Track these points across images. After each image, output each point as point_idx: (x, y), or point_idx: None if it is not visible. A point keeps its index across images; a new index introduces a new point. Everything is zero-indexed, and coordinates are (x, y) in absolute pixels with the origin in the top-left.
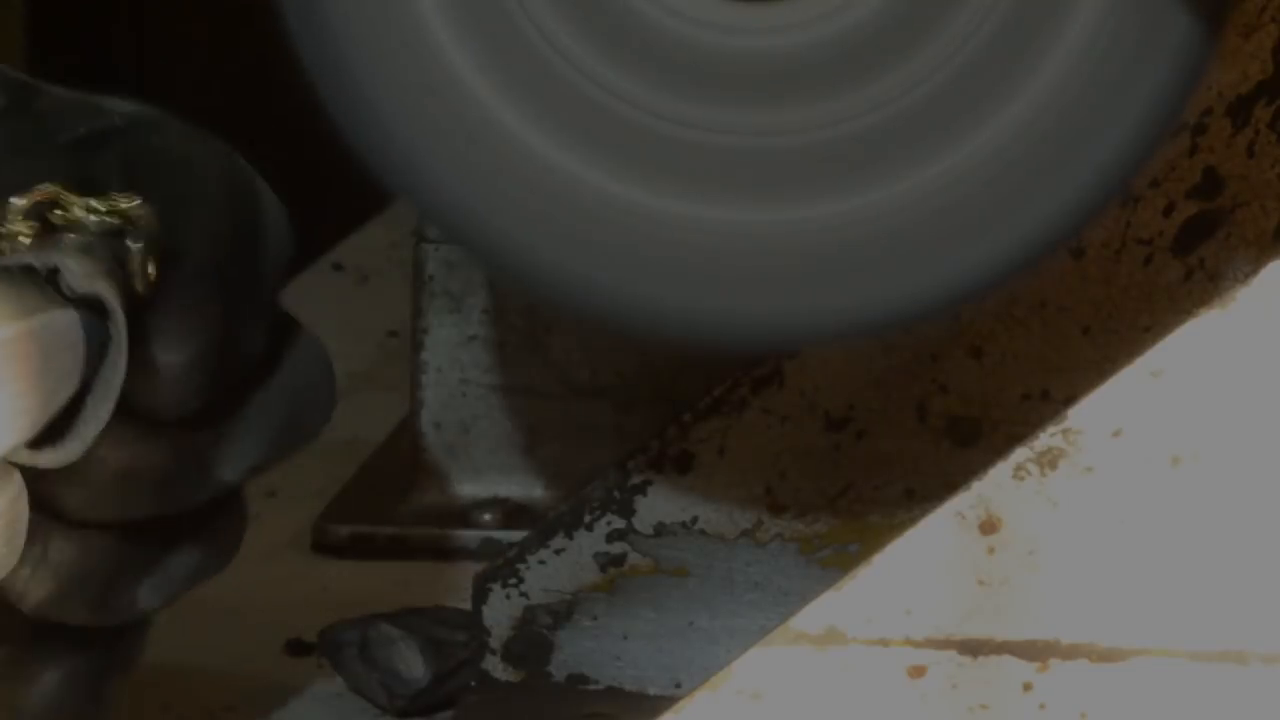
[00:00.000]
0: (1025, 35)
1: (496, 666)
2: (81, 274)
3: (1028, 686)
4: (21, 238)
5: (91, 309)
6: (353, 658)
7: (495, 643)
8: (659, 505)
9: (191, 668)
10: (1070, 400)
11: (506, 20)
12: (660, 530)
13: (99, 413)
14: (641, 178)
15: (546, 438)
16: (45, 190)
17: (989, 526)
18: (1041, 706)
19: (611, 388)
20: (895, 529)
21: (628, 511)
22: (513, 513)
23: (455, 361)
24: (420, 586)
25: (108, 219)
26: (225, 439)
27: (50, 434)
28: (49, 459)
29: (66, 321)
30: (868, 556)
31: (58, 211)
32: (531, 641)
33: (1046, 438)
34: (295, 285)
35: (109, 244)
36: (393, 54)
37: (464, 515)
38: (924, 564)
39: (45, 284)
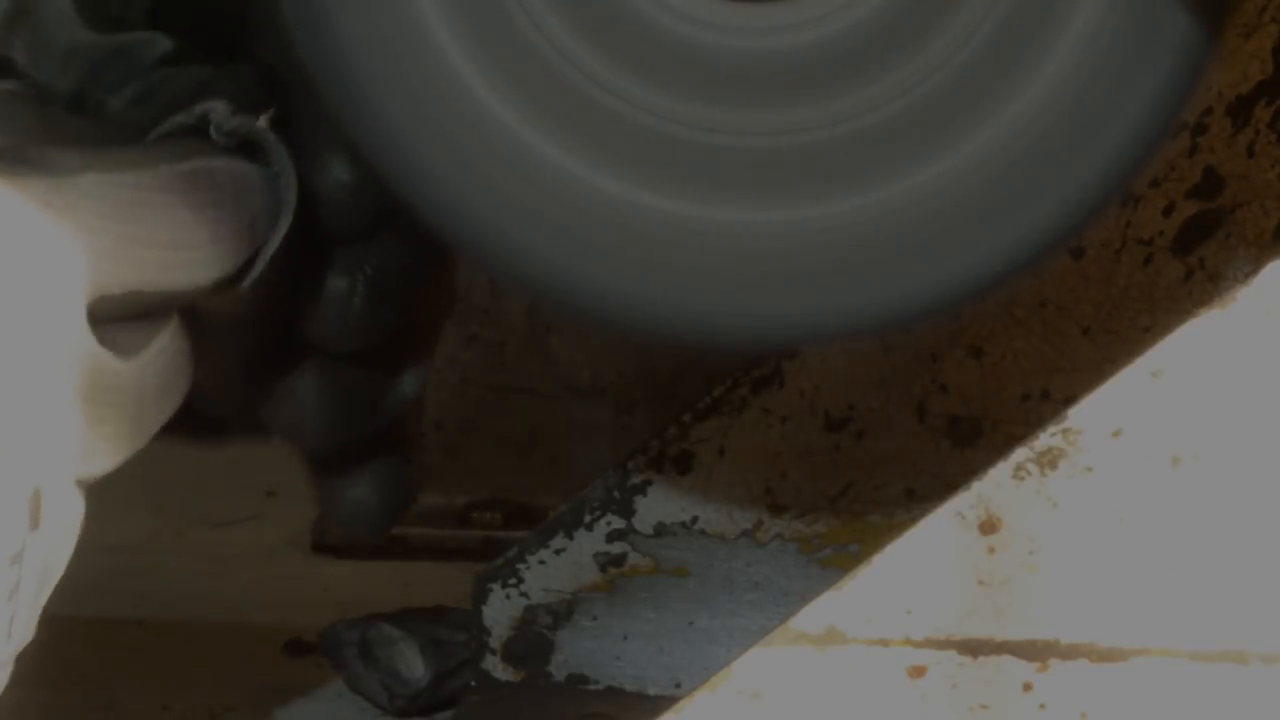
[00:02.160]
0: (1025, 35)
1: (496, 666)
2: (228, 112)
3: (1028, 686)
4: None
5: (246, 151)
6: (353, 658)
7: (495, 643)
8: (659, 505)
9: (191, 668)
10: (1070, 400)
11: (507, 21)
12: (660, 530)
13: (278, 233)
14: (640, 177)
15: (546, 438)
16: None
17: (989, 526)
18: (1041, 706)
19: (611, 388)
20: (895, 529)
21: (628, 511)
22: (513, 513)
23: (455, 361)
24: (420, 586)
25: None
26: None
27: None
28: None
29: (250, 168)
30: (868, 556)
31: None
32: (531, 641)
33: (1046, 438)
34: None
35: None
36: (392, 54)
37: (464, 515)
38: (924, 564)
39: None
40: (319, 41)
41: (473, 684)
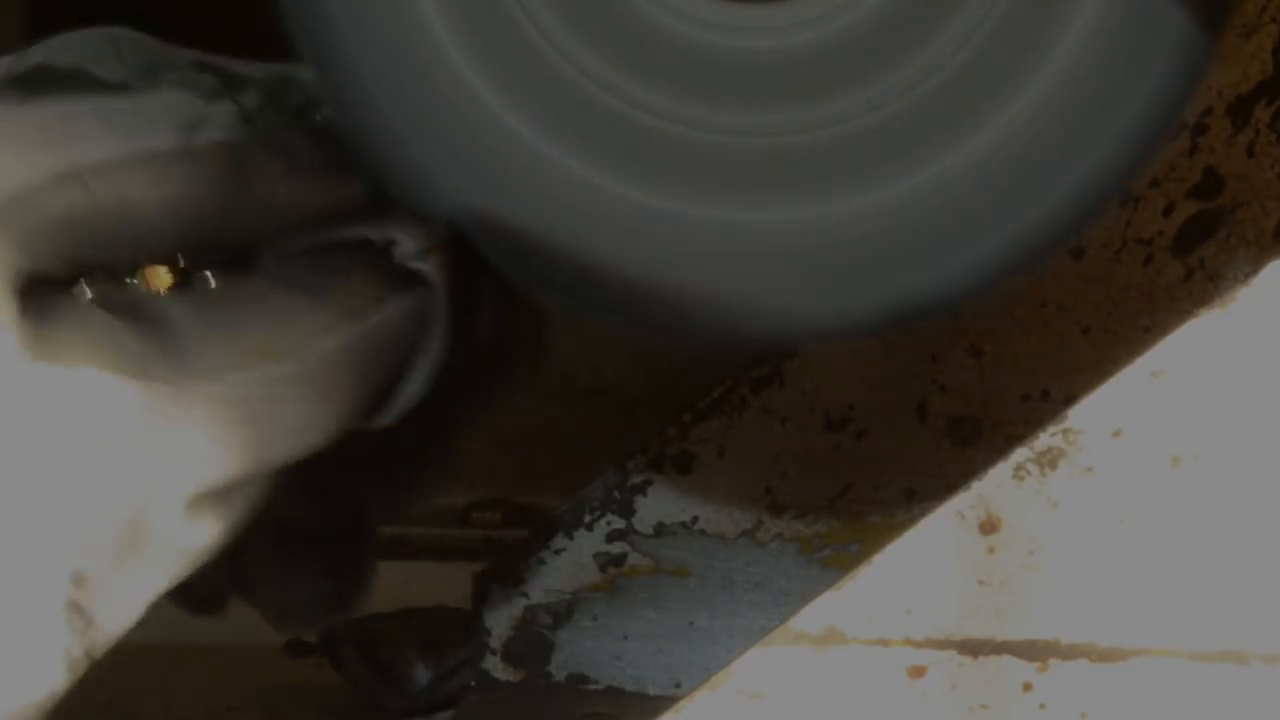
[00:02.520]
0: (1025, 35)
1: (496, 666)
2: (414, 250)
3: (1028, 686)
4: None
5: (416, 280)
6: (353, 658)
7: (495, 643)
8: (659, 505)
9: (191, 668)
10: (1070, 400)
11: (508, 21)
12: (660, 530)
13: (417, 386)
14: (639, 177)
15: (546, 438)
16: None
17: (989, 526)
18: (1041, 706)
19: (611, 388)
20: (895, 529)
21: (628, 511)
22: (513, 513)
23: None
24: (420, 586)
25: None
26: None
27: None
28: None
29: (401, 311)
30: (868, 556)
31: None
32: (531, 641)
33: (1046, 438)
34: None
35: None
36: (393, 53)
37: (464, 515)
38: (924, 564)
39: (378, 259)
40: (317, 37)
41: (473, 684)
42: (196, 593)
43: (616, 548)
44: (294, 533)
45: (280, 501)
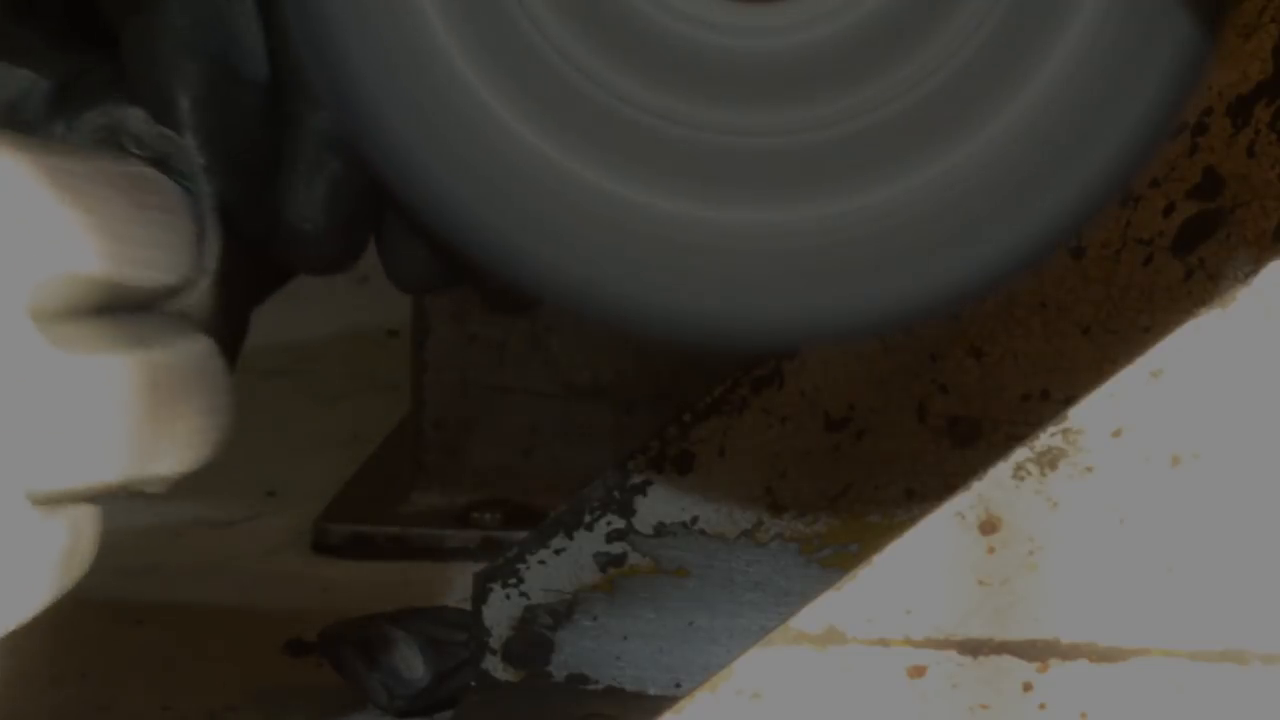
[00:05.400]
0: (1025, 35)
1: (496, 666)
2: (144, 122)
3: (1028, 686)
4: None
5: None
6: (353, 658)
7: (495, 643)
8: (659, 505)
9: (191, 668)
10: (1070, 400)
11: (507, 21)
12: (660, 530)
13: (212, 243)
14: (640, 177)
15: (546, 438)
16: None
17: (989, 526)
18: (1041, 706)
19: (611, 388)
20: (895, 529)
21: (628, 511)
22: (513, 513)
23: (455, 361)
24: (420, 586)
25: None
26: None
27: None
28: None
29: (174, 185)
30: (868, 556)
31: None
32: (531, 641)
33: (1046, 438)
34: (296, 285)
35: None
36: (392, 53)
37: (464, 515)
38: (924, 564)
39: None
40: (318, 41)
41: (473, 684)
42: None
43: (616, 548)
44: None
45: None
